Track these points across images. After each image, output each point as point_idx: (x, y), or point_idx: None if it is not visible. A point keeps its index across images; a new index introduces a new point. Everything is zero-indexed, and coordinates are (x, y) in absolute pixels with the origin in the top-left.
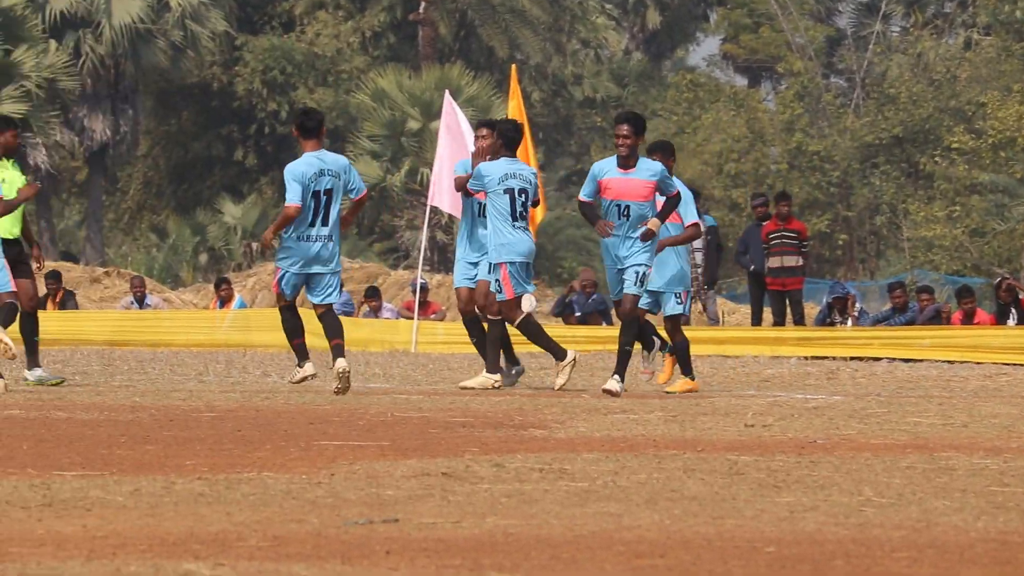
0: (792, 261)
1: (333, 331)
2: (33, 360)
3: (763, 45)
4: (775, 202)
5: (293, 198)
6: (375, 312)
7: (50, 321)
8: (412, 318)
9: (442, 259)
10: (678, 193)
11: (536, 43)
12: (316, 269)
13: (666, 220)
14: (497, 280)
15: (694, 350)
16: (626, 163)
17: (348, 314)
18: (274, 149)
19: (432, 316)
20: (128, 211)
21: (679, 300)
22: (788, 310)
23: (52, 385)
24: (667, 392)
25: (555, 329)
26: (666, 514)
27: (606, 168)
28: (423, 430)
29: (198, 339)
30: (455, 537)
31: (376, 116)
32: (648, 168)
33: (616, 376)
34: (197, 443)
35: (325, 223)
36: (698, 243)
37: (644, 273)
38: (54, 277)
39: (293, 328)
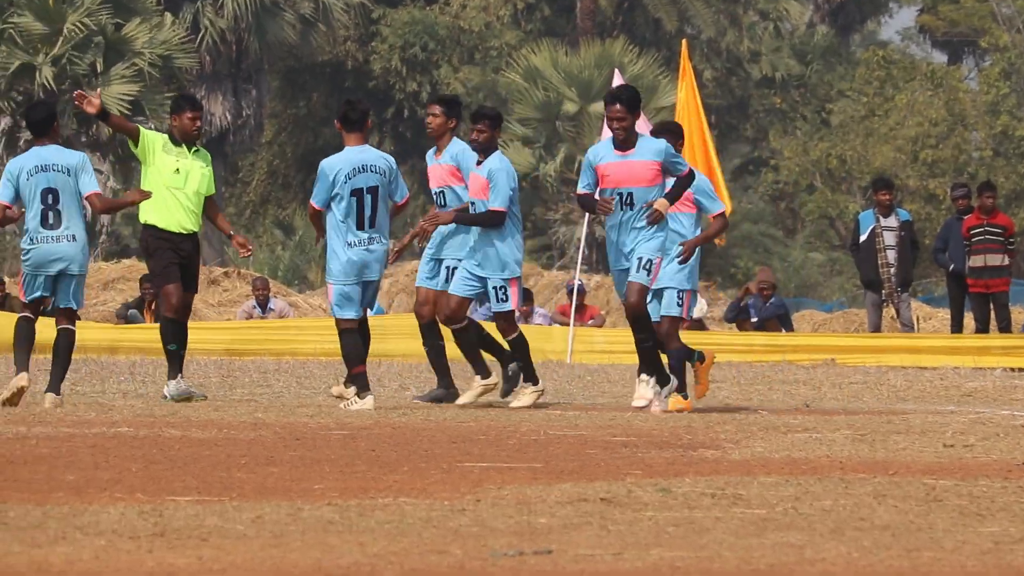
0: (997, 260)
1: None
2: (172, 372)
3: (965, 16)
4: (978, 193)
5: (315, 199)
6: (526, 318)
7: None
8: (567, 324)
9: (601, 258)
10: (690, 171)
11: (708, 15)
12: (368, 277)
13: (677, 201)
14: (504, 288)
15: (887, 359)
16: (624, 144)
17: None
18: (414, 134)
19: (590, 322)
20: (251, 204)
21: (680, 301)
22: (992, 315)
23: (193, 400)
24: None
25: (729, 337)
26: (854, 545)
27: (602, 152)
28: (580, 450)
29: (327, 348)
30: (615, 570)
31: (529, 97)
32: (650, 147)
33: (643, 378)
34: (326, 465)
35: (373, 224)
36: (891, 240)
37: (652, 260)
38: (151, 280)
39: (356, 354)
